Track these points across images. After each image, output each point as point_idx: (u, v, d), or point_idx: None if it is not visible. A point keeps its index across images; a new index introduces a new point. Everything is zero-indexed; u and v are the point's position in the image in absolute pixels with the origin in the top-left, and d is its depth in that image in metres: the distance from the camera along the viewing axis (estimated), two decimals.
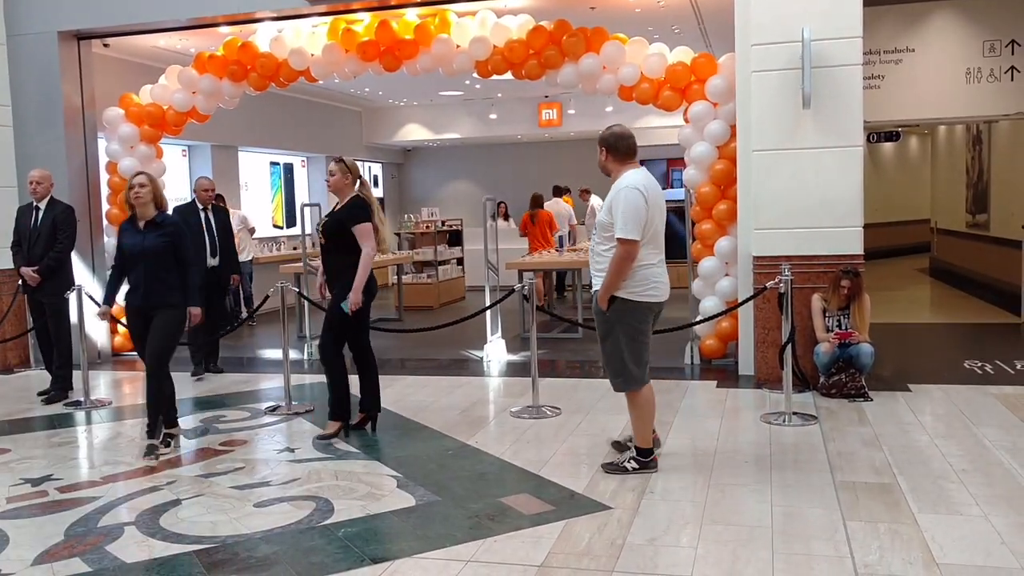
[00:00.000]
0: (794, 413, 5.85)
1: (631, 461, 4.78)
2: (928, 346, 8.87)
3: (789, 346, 5.87)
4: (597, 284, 4.69)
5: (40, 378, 7.88)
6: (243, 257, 11.32)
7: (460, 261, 14.38)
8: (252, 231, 11.96)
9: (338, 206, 5.74)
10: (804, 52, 6.50)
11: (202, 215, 7.97)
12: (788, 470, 4.81)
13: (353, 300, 5.51)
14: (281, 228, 15.10)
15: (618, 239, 4.50)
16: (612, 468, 4.80)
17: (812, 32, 6.51)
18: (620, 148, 4.71)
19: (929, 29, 8.80)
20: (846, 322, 6.54)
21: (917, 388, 6.64)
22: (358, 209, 5.63)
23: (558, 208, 13.34)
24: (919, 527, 3.89)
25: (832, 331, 6.54)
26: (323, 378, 7.82)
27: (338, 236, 5.60)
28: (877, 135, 15.23)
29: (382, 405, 6.65)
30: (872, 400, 6.28)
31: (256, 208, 13.92)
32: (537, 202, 12.56)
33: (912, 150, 19.71)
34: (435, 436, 5.74)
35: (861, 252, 6.73)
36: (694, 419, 5.99)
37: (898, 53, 8.82)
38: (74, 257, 7.61)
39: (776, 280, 5.93)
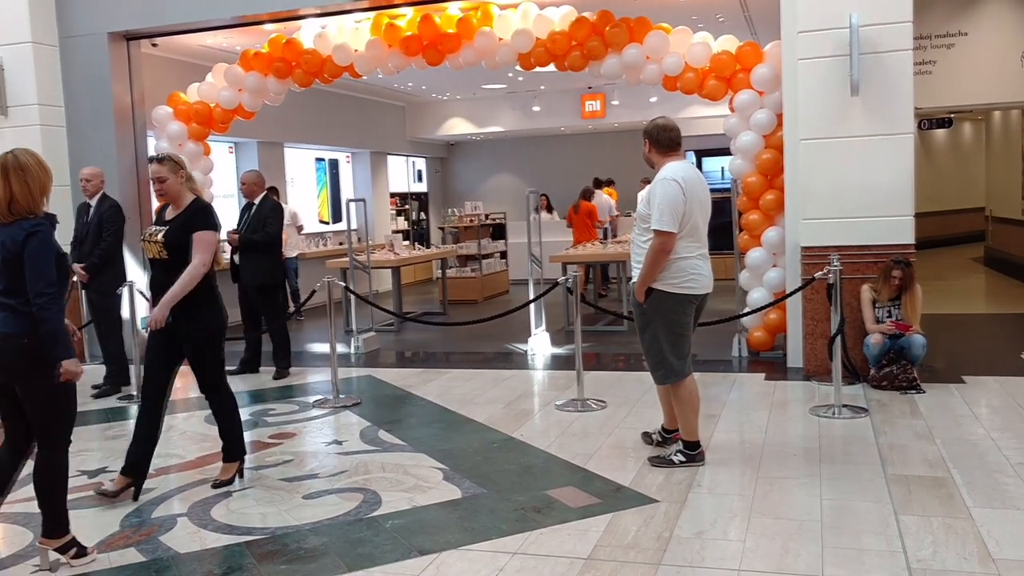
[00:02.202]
0: (844, 406, 5.76)
1: (678, 454, 4.75)
2: (983, 337, 8.68)
3: (839, 338, 5.78)
4: (636, 275, 4.67)
5: (96, 372, 8.06)
6: (290, 253, 11.45)
7: (504, 254, 14.40)
8: (300, 228, 12.09)
9: (171, 212, 4.73)
10: (852, 38, 6.38)
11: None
12: (838, 463, 4.74)
13: (158, 315, 4.50)
14: (327, 223, 15.25)
15: (654, 231, 4.48)
16: (658, 461, 4.77)
17: (860, 18, 6.39)
18: (662, 140, 4.68)
19: (982, 12, 8.58)
20: (897, 313, 6.42)
21: (971, 380, 6.50)
22: (204, 214, 4.66)
23: (599, 200, 13.32)
24: (974, 521, 3.81)
25: (883, 322, 6.43)
26: (369, 371, 7.96)
27: (183, 249, 4.58)
28: (929, 122, 14.91)
29: (426, 398, 6.71)
30: (924, 392, 6.16)
31: (302, 204, 14.06)
32: (584, 194, 12.61)
33: (966, 136, 19.26)
34: (480, 429, 5.75)
35: (912, 242, 6.60)
36: (742, 412, 5.93)
37: (950, 37, 8.62)
38: (125, 253, 7.75)
39: (825, 271, 5.83)
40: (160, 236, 4.60)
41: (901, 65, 6.51)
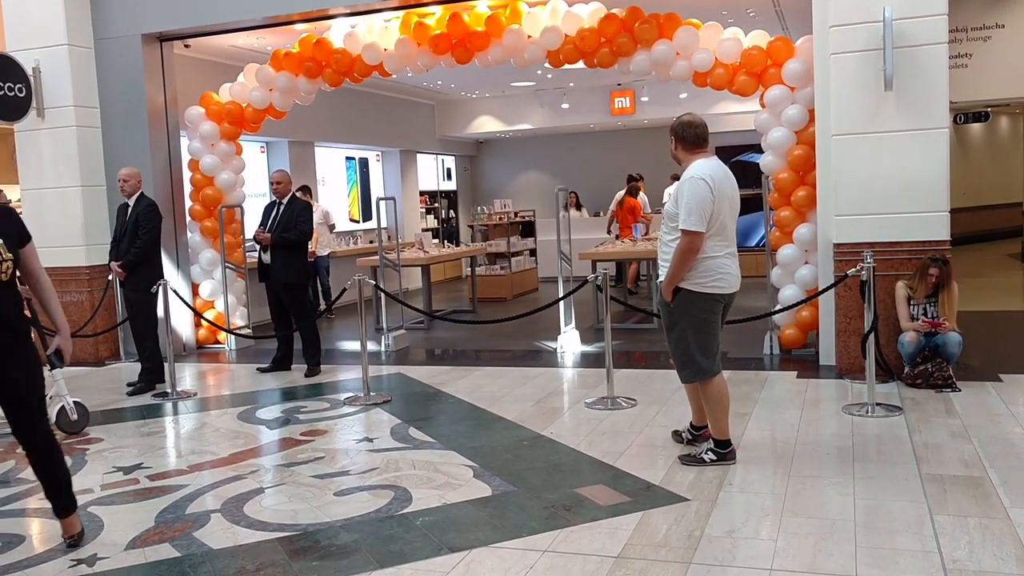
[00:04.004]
0: (878, 404, 5.70)
1: (708, 453, 4.72)
2: (1020, 334, 8.53)
3: (872, 335, 5.71)
4: (664, 274, 4.64)
5: (130, 370, 8.18)
6: (321, 252, 11.54)
7: (533, 252, 14.39)
8: (332, 227, 12.16)
9: None
10: (885, 32, 6.30)
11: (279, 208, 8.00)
12: (871, 462, 4.68)
13: (70, 347, 4.03)
14: (357, 222, 15.32)
15: (681, 230, 4.44)
16: (689, 460, 4.75)
17: (894, 11, 6.30)
18: (687, 137, 4.64)
19: (1020, 3, 8.43)
20: (933, 310, 6.33)
21: (1009, 378, 6.39)
22: (21, 222, 3.95)
23: (642, 197, 13.38)
24: (1011, 522, 3.75)
25: (918, 319, 6.35)
26: (399, 369, 8.00)
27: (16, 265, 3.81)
28: (964, 116, 14.69)
29: (456, 395, 6.72)
30: (960, 390, 6.08)
31: (333, 202, 14.14)
32: (631, 190, 12.75)
33: (1003, 130, 18.95)
34: (510, 427, 5.76)
35: (948, 238, 6.50)
36: (774, 410, 5.88)
37: (986, 30, 8.48)
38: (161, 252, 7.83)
39: (858, 267, 5.77)
40: (8, 253, 3.74)
41: (936, 59, 6.42)
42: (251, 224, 9.15)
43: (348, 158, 15.32)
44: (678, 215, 4.48)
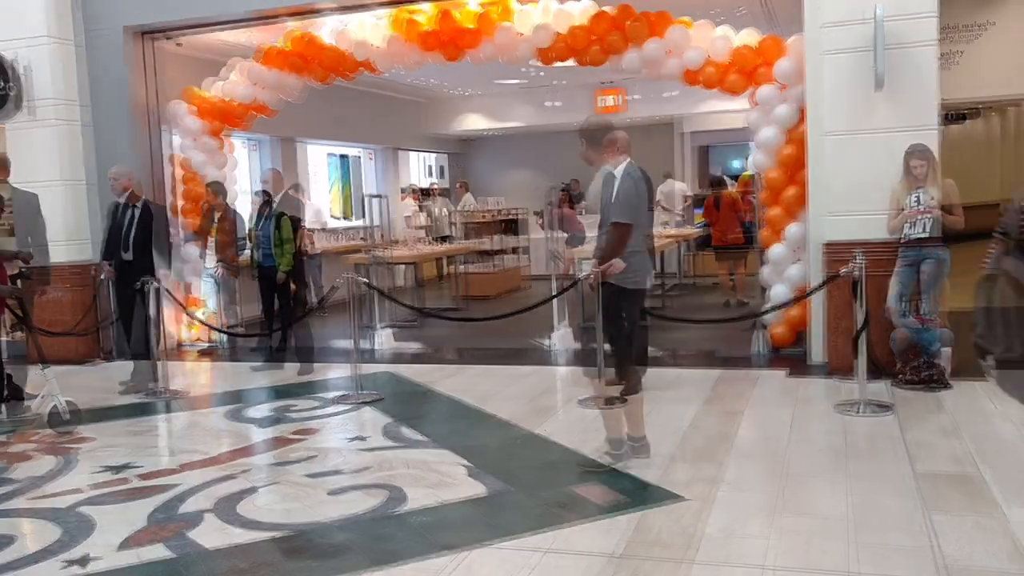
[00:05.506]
0: (869, 402, 5.72)
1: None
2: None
3: (863, 333, 5.72)
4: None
5: (121, 369, 8.12)
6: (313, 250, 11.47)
7: (516, 250, 14.34)
8: (324, 226, 12.10)
9: None
10: (876, 32, 6.32)
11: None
12: (864, 460, 4.71)
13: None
14: (338, 219, 15.24)
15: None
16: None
17: (885, 10, 6.32)
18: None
19: (1010, 1, 8.47)
20: (925, 198, 6.14)
21: (999, 375, 6.43)
22: None
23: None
24: (1004, 518, 3.77)
25: (909, 316, 6.33)
26: (390, 367, 7.97)
27: None
28: (952, 115, 14.72)
29: (449, 394, 6.70)
30: (951, 388, 6.11)
31: (320, 199, 14.08)
32: None
33: (993, 128, 19.00)
34: (503, 425, 5.75)
35: (939, 235, 6.51)
36: (765, 409, 5.90)
37: (977, 28, 8.52)
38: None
39: (850, 267, 5.78)
40: None
41: (926, 58, 6.45)
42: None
43: (330, 154, 15.24)
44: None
